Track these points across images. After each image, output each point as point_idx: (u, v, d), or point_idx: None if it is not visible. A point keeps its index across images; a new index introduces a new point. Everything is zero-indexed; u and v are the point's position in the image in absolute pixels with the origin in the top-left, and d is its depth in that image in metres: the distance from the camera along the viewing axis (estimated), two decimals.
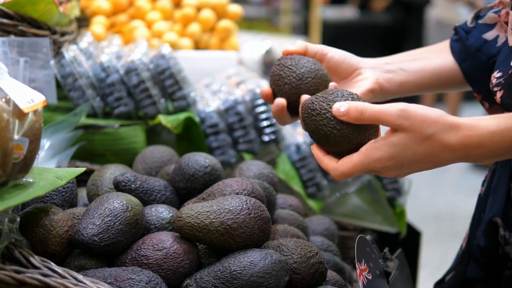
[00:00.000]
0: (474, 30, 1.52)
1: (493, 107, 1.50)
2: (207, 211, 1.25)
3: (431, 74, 1.51)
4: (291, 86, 1.36)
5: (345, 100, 1.15)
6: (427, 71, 1.50)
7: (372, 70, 1.46)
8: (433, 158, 1.12)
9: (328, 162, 1.18)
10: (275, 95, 1.40)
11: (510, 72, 1.30)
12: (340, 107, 1.13)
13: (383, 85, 1.45)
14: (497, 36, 1.48)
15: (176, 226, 1.26)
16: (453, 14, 7.87)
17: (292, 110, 1.38)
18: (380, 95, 1.46)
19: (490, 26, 1.50)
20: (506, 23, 1.47)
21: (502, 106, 1.33)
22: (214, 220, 1.24)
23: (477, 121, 1.11)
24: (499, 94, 1.32)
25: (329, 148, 1.18)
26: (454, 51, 1.53)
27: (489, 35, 1.49)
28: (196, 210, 1.26)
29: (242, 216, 1.24)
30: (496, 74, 1.36)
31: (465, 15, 7.82)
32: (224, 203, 1.26)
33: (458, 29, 1.55)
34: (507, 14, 1.47)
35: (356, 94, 1.18)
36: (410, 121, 1.09)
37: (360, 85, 1.42)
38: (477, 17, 1.53)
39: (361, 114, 1.11)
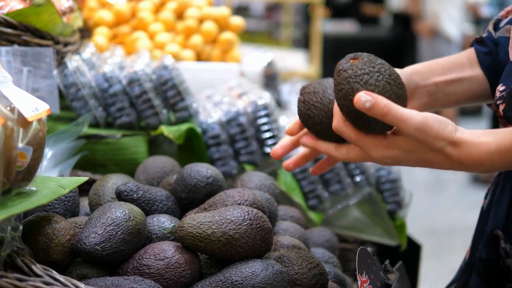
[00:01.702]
0: (499, 42, 1.48)
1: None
2: (209, 221, 1.25)
3: (465, 97, 1.49)
4: (323, 126, 1.25)
5: (376, 85, 1.11)
6: (462, 95, 1.48)
7: (418, 96, 1.43)
8: (432, 164, 1.16)
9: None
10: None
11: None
12: (366, 102, 1.08)
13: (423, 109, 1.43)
14: None
15: (178, 236, 1.26)
16: (441, 27, 7.92)
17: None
18: None
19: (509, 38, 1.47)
20: None
21: (505, 119, 1.33)
22: (216, 230, 1.24)
23: (479, 138, 1.13)
24: (501, 108, 1.33)
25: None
26: (484, 64, 1.48)
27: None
28: (198, 220, 1.26)
29: (244, 227, 1.24)
30: (500, 87, 1.36)
31: (452, 29, 7.87)
32: (226, 214, 1.26)
33: (486, 41, 1.50)
34: None
35: (395, 77, 1.14)
36: (424, 135, 1.10)
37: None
38: (494, 29, 1.50)
39: (384, 114, 1.09)
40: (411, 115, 1.10)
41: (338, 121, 1.17)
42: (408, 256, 2.20)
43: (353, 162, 1.25)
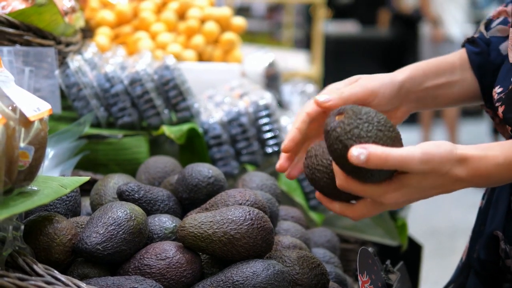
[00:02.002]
0: (491, 42, 1.48)
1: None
2: (210, 221, 1.26)
3: (455, 100, 1.49)
4: (329, 188, 1.22)
5: (369, 136, 1.08)
6: (451, 99, 1.48)
7: (406, 102, 1.42)
8: (443, 189, 1.13)
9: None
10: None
11: (510, 87, 1.31)
12: (360, 155, 1.05)
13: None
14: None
15: (179, 236, 1.26)
16: (443, 29, 7.92)
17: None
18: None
19: (502, 39, 1.47)
20: None
21: (505, 121, 1.33)
22: (217, 230, 1.24)
23: (486, 152, 1.12)
24: (500, 110, 1.33)
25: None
26: (475, 64, 1.48)
27: (503, 48, 1.46)
28: (199, 220, 1.26)
29: (245, 227, 1.25)
30: (497, 89, 1.36)
31: (455, 30, 7.86)
32: (227, 214, 1.26)
33: (477, 41, 1.50)
34: None
35: (384, 121, 1.11)
36: (430, 165, 1.08)
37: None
38: (487, 27, 1.50)
39: (384, 162, 1.05)
40: (410, 152, 1.07)
41: (340, 179, 1.14)
42: (409, 256, 2.20)
43: (371, 216, 1.22)
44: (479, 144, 1.14)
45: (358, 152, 1.05)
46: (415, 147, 1.08)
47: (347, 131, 1.08)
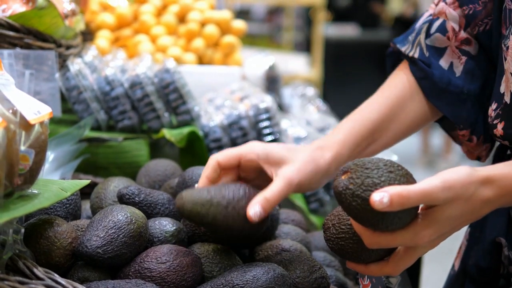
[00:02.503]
0: (432, 59, 1.40)
1: (480, 141, 1.44)
2: (207, 190, 1.23)
3: (398, 139, 1.44)
4: (357, 253, 1.17)
5: (383, 181, 1.04)
6: (392, 143, 1.43)
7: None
8: (473, 215, 1.09)
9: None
10: None
11: (504, 102, 1.28)
12: (383, 198, 1.00)
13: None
14: (451, 65, 1.40)
15: (177, 206, 1.23)
16: None
17: None
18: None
19: (440, 51, 1.40)
20: (458, 48, 1.39)
21: (504, 138, 1.30)
22: (215, 194, 1.22)
23: (509, 169, 1.08)
24: (500, 126, 1.29)
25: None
26: (425, 91, 1.41)
27: (443, 63, 1.40)
28: (195, 191, 1.24)
29: (242, 191, 1.23)
30: (493, 105, 1.32)
31: None
32: (222, 187, 1.25)
33: (418, 63, 1.41)
34: (455, 33, 1.39)
35: (390, 163, 1.07)
36: (453, 191, 1.03)
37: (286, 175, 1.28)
38: (427, 33, 1.42)
39: (407, 200, 1.01)
40: (431, 183, 1.03)
41: (368, 237, 1.09)
42: None
43: (410, 264, 1.17)
44: (495, 164, 1.11)
45: (380, 197, 1.00)
46: (433, 177, 1.04)
47: (360, 184, 1.05)
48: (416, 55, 1.42)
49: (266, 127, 2.08)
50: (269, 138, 2.08)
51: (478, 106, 1.40)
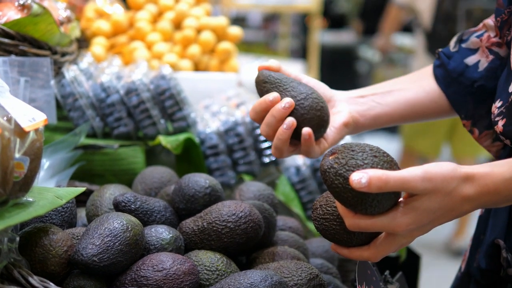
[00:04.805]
0: (456, 54, 1.50)
1: (482, 135, 1.50)
2: None
3: (406, 105, 1.49)
4: (340, 234, 1.21)
5: (366, 163, 1.09)
6: (402, 103, 1.48)
7: (346, 103, 1.43)
8: (454, 212, 1.11)
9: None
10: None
11: (510, 99, 1.30)
12: (361, 179, 1.04)
13: (358, 118, 1.43)
14: (478, 62, 1.48)
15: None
16: None
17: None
18: (354, 129, 1.44)
19: (472, 51, 1.49)
20: (488, 48, 1.47)
21: (504, 135, 1.32)
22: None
23: (492, 169, 1.11)
24: (501, 123, 1.32)
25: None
26: (437, 77, 1.51)
27: (470, 60, 1.48)
28: None
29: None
30: (498, 103, 1.35)
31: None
32: None
33: (440, 54, 1.53)
34: (489, 38, 1.47)
35: (377, 149, 1.12)
36: (433, 183, 1.07)
37: (334, 119, 1.39)
38: (460, 40, 1.52)
39: (385, 184, 1.05)
40: (411, 171, 1.07)
41: (349, 219, 1.13)
42: (408, 266, 2.19)
43: (390, 252, 1.19)
44: (483, 164, 1.13)
45: (358, 177, 1.05)
46: (417, 167, 1.07)
47: (343, 164, 1.10)
48: (441, 49, 1.53)
49: None
50: (266, 144, 2.07)
51: (488, 103, 1.46)
